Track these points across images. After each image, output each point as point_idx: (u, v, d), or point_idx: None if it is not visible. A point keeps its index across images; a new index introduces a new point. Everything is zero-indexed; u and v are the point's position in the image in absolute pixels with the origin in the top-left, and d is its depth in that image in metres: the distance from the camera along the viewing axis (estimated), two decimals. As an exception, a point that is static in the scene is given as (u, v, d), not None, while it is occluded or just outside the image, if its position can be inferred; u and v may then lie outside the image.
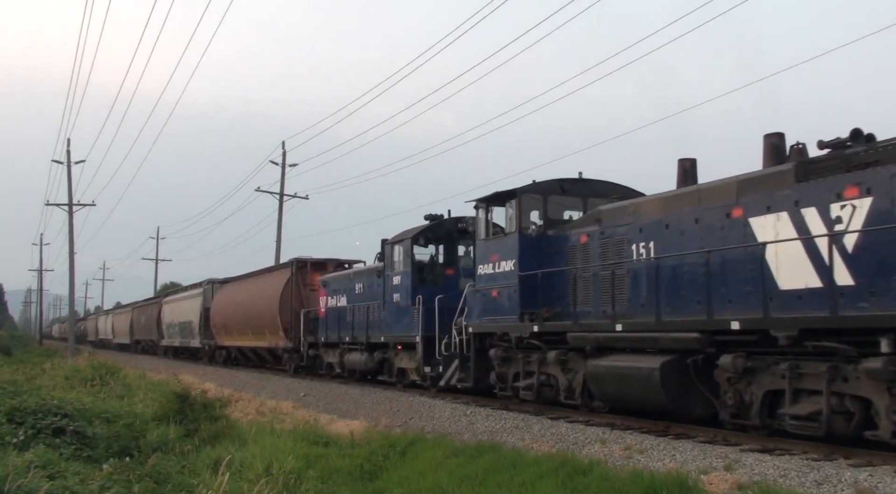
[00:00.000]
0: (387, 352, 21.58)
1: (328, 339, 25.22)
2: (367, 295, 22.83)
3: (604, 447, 11.75)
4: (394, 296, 20.76)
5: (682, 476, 9.11)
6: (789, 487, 8.74)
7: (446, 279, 20.14)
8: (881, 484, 8.42)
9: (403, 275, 20.34)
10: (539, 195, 16.04)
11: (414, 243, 20.22)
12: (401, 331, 20.28)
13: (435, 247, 20.89)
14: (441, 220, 20.79)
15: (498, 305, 16.26)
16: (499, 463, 11.04)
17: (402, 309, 20.25)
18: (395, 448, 13.14)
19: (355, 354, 23.11)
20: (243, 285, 34.81)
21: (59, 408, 12.40)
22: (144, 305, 57.28)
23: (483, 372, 16.95)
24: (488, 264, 16.67)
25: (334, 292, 25.40)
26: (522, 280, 15.47)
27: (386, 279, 21.29)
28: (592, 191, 16.29)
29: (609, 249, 14.13)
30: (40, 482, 8.18)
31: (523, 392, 15.62)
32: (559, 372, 14.74)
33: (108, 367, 25.99)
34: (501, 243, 16.30)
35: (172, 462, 10.89)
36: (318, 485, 10.68)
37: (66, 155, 45.64)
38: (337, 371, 24.91)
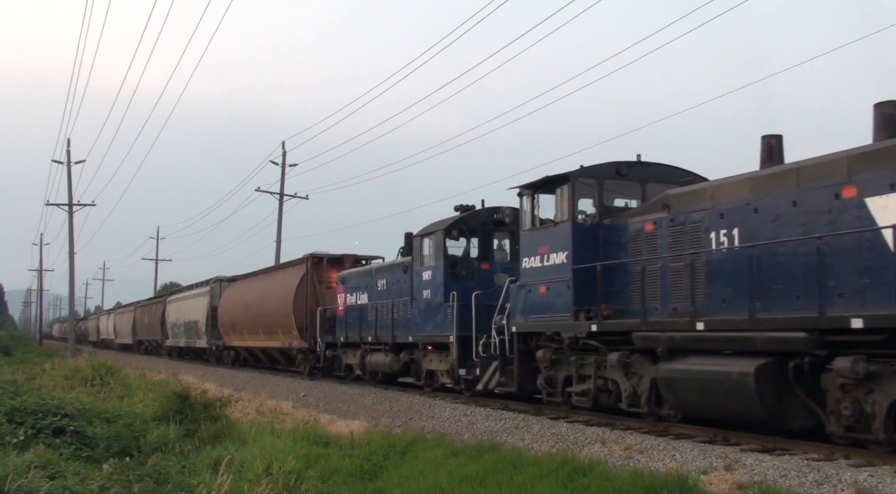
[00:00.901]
0: (414, 353, 20.24)
1: (348, 339, 23.69)
2: (391, 291, 21.38)
3: (604, 447, 11.75)
4: (423, 293, 19.30)
5: (683, 476, 9.11)
6: (789, 487, 8.74)
7: (481, 274, 18.75)
8: (881, 484, 8.42)
9: (434, 270, 18.93)
10: (593, 180, 14.52)
11: (446, 235, 18.80)
12: (432, 331, 18.95)
13: (468, 239, 19.43)
14: (475, 211, 19.28)
15: (547, 302, 14.81)
16: (499, 463, 11.04)
17: (432, 306, 18.92)
18: (395, 448, 13.13)
19: (379, 355, 21.64)
20: (254, 283, 33.41)
21: (59, 408, 12.38)
22: (148, 304, 55.97)
23: (527, 375, 15.57)
24: (535, 257, 15.15)
25: (354, 289, 23.88)
26: (577, 273, 14.02)
27: (414, 274, 19.86)
28: (652, 175, 14.81)
29: (681, 238, 12.69)
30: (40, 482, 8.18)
31: (577, 398, 14.28)
32: (621, 376, 13.28)
33: (108, 367, 25.95)
34: (551, 233, 14.81)
35: (172, 463, 10.89)
36: (318, 485, 10.68)
37: (66, 155, 45.71)
38: (357, 373, 23.46)
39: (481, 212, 19.29)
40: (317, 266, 27.33)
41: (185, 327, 43.16)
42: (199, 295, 41.04)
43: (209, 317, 37.83)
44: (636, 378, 13.06)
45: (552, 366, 14.96)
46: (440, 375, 19.28)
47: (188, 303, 42.79)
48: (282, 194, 43.72)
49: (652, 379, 12.64)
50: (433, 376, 19.71)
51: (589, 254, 14.09)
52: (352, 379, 23.80)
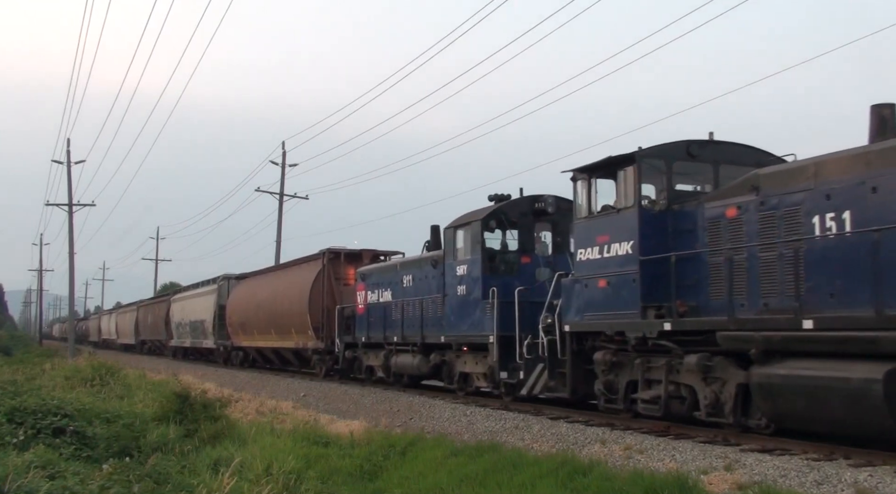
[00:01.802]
0: (446, 355, 18.80)
1: (370, 340, 22.25)
2: (418, 288, 20.01)
3: (604, 447, 11.75)
4: (457, 289, 17.84)
5: (683, 477, 9.11)
6: (789, 487, 8.74)
7: (521, 268, 17.21)
8: (881, 484, 8.42)
9: (470, 264, 17.43)
10: (662, 160, 13.06)
11: (484, 226, 17.28)
12: (468, 330, 17.51)
13: (507, 230, 17.82)
14: (514, 200, 17.73)
15: (607, 298, 13.38)
16: (499, 463, 11.04)
17: (468, 303, 17.46)
18: (394, 449, 13.13)
19: (405, 356, 20.25)
20: (265, 280, 32.08)
21: (59, 408, 12.39)
22: (151, 303, 55.06)
23: (580, 379, 14.20)
24: (592, 248, 13.68)
25: (375, 286, 22.45)
26: (644, 266, 12.60)
27: (446, 269, 18.35)
28: (725, 156, 13.37)
29: (773, 223, 11.13)
30: (40, 482, 8.18)
31: (645, 405, 12.76)
32: (698, 381, 11.79)
33: (108, 367, 25.96)
34: (612, 221, 13.33)
35: (172, 463, 10.89)
36: (318, 485, 10.67)
37: (66, 155, 45.76)
38: (379, 375, 22.05)
39: (521, 201, 17.72)
40: (333, 262, 25.96)
41: (190, 327, 42.03)
42: (205, 293, 39.86)
43: (217, 317, 36.60)
44: (718, 383, 11.56)
45: (612, 370, 13.50)
46: (475, 378, 17.94)
47: (194, 302, 41.70)
48: (282, 194, 43.75)
49: (739, 384, 11.20)
50: (466, 379, 18.39)
51: (657, 244, 12.65)
52: (372, 381, 22.54)
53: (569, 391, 14.36)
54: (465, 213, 18.19)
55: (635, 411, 13.17)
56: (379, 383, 22.12)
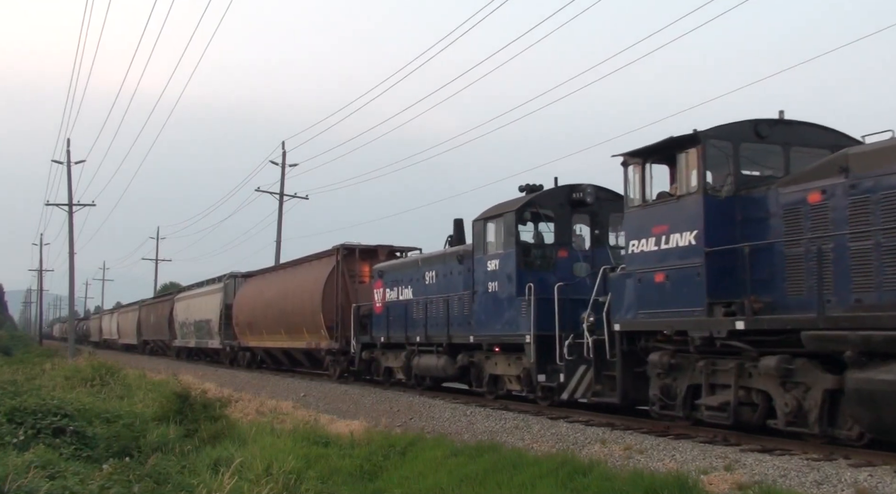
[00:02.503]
0: (474, 356, 17.67)
1: (390, 339, 21.09)
2: (443, 285, 18.91)
3: (604, 447, 11.75)
4: (488, 286, 16.67)
5: (683, 477, 9.11)
6: (789, 487, 8.75)
7: (558, 263, 16.10)
8: (881, 484, 8.43)
9: (504, 259, 16.24)
10: (728, 142, 11.89)
11: (518, 218, 16.07)
12: (501, 329, 16.36)
13: (540, 223, 16.53)
14: (550, 190, 16.55)
15: (665, 293, 12.20)
16: (499, 463, 11.04)
17: (501, 301, 16.31)
18: (394, 449, 13.13)
19: (429, 358, 19.14)
20: (275, 278, 30.89)
21: (59, 408, 12.40)
22: (154, 303, 54.05)
23: (631, 383, 13.11)
24: (648, 239, 12.53)
25: (394, 283, 21.32)
26: (710, 258, 11.44)
27: (475, 264, 17.16)
28: (797, 137, 12.25)
29: (867, 209, 9.95)
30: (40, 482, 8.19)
31: (711, 412, 11.56)
32: (775, 386, 10.66)
33: (108, 367, 25.97)
34: (671, 209, 12.22)
35: (172, 463, 10.89)
36: (318, 485, 10.68)
37: (66, 155, 45.82)
38: (399, 377, 21.06)
39: (557, 191, 16.49)
40: (347, 258, 24.71)
41: (195, 326, 40.86)
42: (211, 292, 38.78)
43: (223, 316, 35.45)
44: (800, 389, 10.41)
45: (670, 373, 12.33)
46: (507, 381, 16.87)
47: (199, 301, 40.59)
48: (282, 194, 43.77)
49: (826, 391, 10.10)
50: (496, 382, 17.31)
51: (724, 234, 11.53)
52: (391, 384, 21.56)
53: (619, 396, 13.23)
54: (496, 205, 17.00)
55: (695, 418, 12.11)
56: (397, 386, 21.15)
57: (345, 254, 24.72)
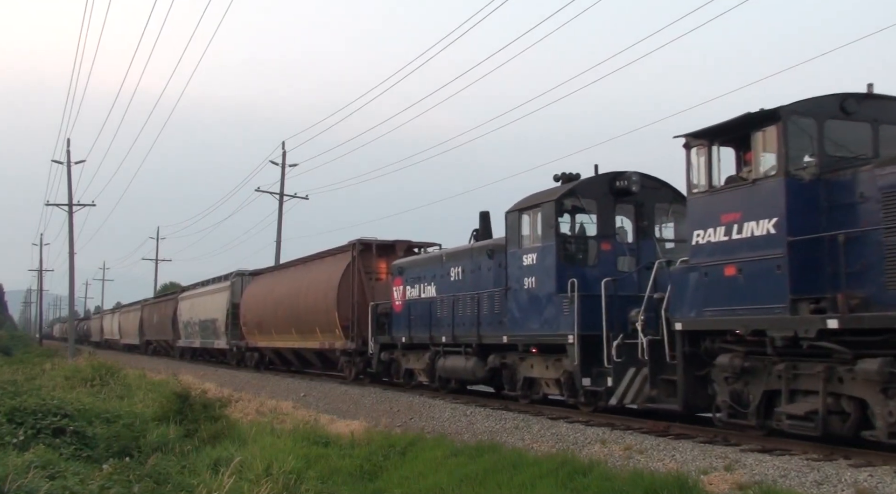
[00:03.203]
0: (507, 357, 16.44)
1: (412, 340, 19.99)
2: (471, 282, 17.83)
3: (604, 447, 11.76)
4: (524, 282, 15.44)
5: (683, 477, 9.12)
6: (789, 487, 8.75)
7: (601, 257, 14.94)
8: (881, 485, 8.43)
9: (541, 253, 15.02)
10: (811, 119, 10.75)
11: (559, 208, 14.87)
12: (539, 329, 15.10)
13: (577, 213, 15.31)
14: (592, 178, 15.33)
15: (738, 289, 10.97)
16: (499, 463, 11.05)
17: (539, 298, 15.09)
18: (395, 449, 13.14)
19: (456, 359, 17.98)
20: (285, 275, 29.80)
21: (59, 408, 12.41)
22: (157, 302, 52.87)
23: (693, 388, 11.90)
24: (715, 228, 11.37)
25: (416, 280, 20.29)
26: (794, 248, 10.27)
27: (509, 259, 15.92)
28: (888, 114, 11.04)
29: None
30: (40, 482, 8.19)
31: (793, 422, 10.36)
32: (874, 393, 9.51)
33: (108, 367, 25.98)
34: (745, 195, 11.01)
35: (172, 463, 10.90)
36: (318, 485, 10.68)
37: (66, 155, 45.83)
38: (421, 380, 20.07)
39: (599, 180, 15.25)
40: (363, 254, 23.57)
41: (200, 326, 39.73)
42: (217, 290, 37.55)
43: (229, 315, 34.34)
44: None
45: (741, 377, 11.14)
46: (544, 384, 15.71)
47: (204, 300, 39.32)
48: (282, 194, 43.78)
49: None
50: (531, 385, 16.13)
51: (808, 221, 10.41)
52: (411, 387, 20.61)
53: (681, 402, 11.96)
54: (532, 194, 15.83)
55: (771, 428, 10.98)
56: (419, 388, 20.18)
57: (361, 250, 23.60)
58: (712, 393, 11.73)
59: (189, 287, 46.38)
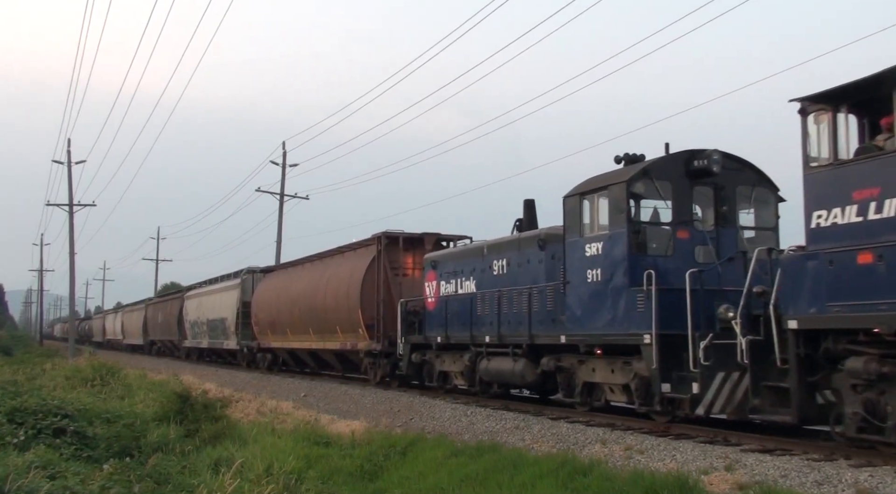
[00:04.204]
0: (562, 359, 14.84)
1: (449, 340, 18.40)
2: (517, 276, 16.34)
3: (604, 447, 11.76)
4: (587, 275, 13.82)
5: (683, 477, 9.12)
6: (790, 487, 8.75)
7: (677, 246, 13.25)
8: (881, 485, 8.43)
9: (609, 242, 13.41)
10: None
11: (630, 191, 13.17)
12: (605, 327, 13.44)
13: (649, 197, 13.59)
14: (665, 157, 13.61)
15: (876, 279, 9.30)
16: (499, 463, 11.05)
17: (606, 292, 13.45)
18: (395, 449, 13.15)
19: (502, 361, 16.41)
20: (302, 272, 28.24)
21: (60, 409, 12.42)
22: (162, 301, 51.70)
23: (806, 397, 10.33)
24: (844, 208, 9.68)
25: (452, 275, 18.77)
26: None
27: (569, 249, 14.24)
28: None
29: None
30: (41, 482, 8.21)
31: None
32: None
33: (109, 367, 26.00)
34: (885, 168, 9.33)
35: (173, 463, 10.92)
36: (318, 485, 10.69)
37: (67, 155, 45.90)
38: (457, 383, 18.73)
39: (675, 159, 13.52)
40: (388, 248, 22.08)
41: (208, 326, 38.19)
42: (226, 289, 36.12)
43: (240, 314, 32.91)
44: None
45: (876, 385, 9.52)
46: (608, 390, 14.14)
47: (213, 299, 37.77)
48: (282, 194, 43.80)
49: None
50: (592, 391, 14.55)
51: None
52: (446, 390, 19.15)
53: (795, 413, 10.34)
54: (594, 177, 14.20)
55: None
56: (455, 393, 18.87)
57: (386, 244, 22.05)
58: (823, 402, 10.31)
59: (196, 285, 44.82)
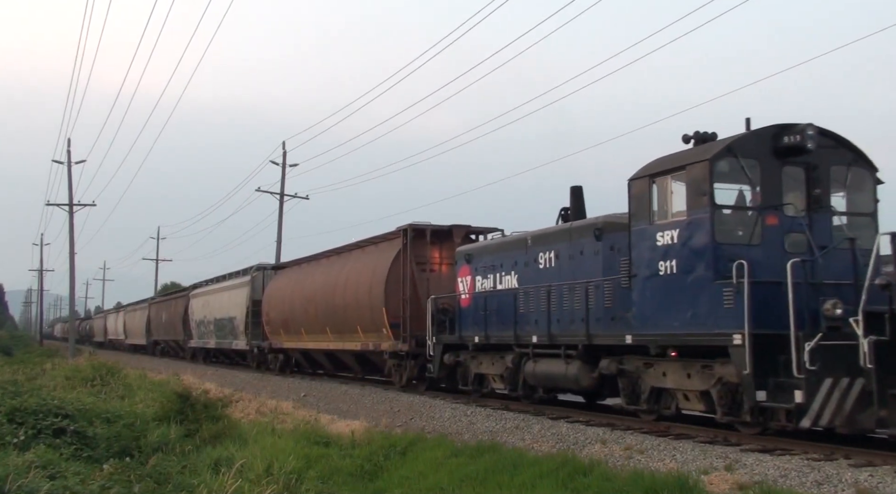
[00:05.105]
0: (624, 362, 13.38)
1: (489, 339, 16.98)
2: (569, 269, 14.97)
3: (604, 447, 11.76)
4: (659, 266, 12.30)
5: (683, 477, 9.13)
6: (790, 487, 8.76)
7: (766, 233, 11.65)
8: (881, 484, 8.44)
9: (688, 228, 11.85)
10: None
11: (714, 170, 11.57)
12: (683, 326, 11.87)
13: (729, 179, 11.97)
14: (753, 133, 11.97)
15: None
16: (499, 463, 11.06)
17: (682, 286, 11.92)
18: (395, 449, 13.16)
19: (552, 363, 14.96)
20: (318, 268, 26.77)
21: (60, 409, 12.43)
22: (166, 300, 50.40)
23: None
24: None
25: (489, 269, 17.47)
26: None
27: (635, 238, 12.77)
28: None
29: None
30: (41, 482, 8.21)
31: None
32: None
33: (109, 367, 25.99)
34: None
35: (173, 463, 10.92)
36: (318, 485, 10.70)
37: (67, 155, 45.93)
38: (495, 387, 17.45)
39: (762, 135, 11.90)
40: (414, 242, 20.61)
41: (215, 325, 36.82)
42: (235, 286, 34.78)
43: (249, 313, 31.64)
44: None
45: None
46: (682, 398, 12.57)
47: (220, 297, 36.35)
48: (282, 194, 43.82)
49: None
50: (660, 397, 13.06)
51: None
52: (482, 395, 17.81)
53: None
54: (665, 157, 12.74)
55: None
56: (492, 397, 17.56)
57: (411, 237, 20.60)
58: None
59: (202, 283, 43.17)
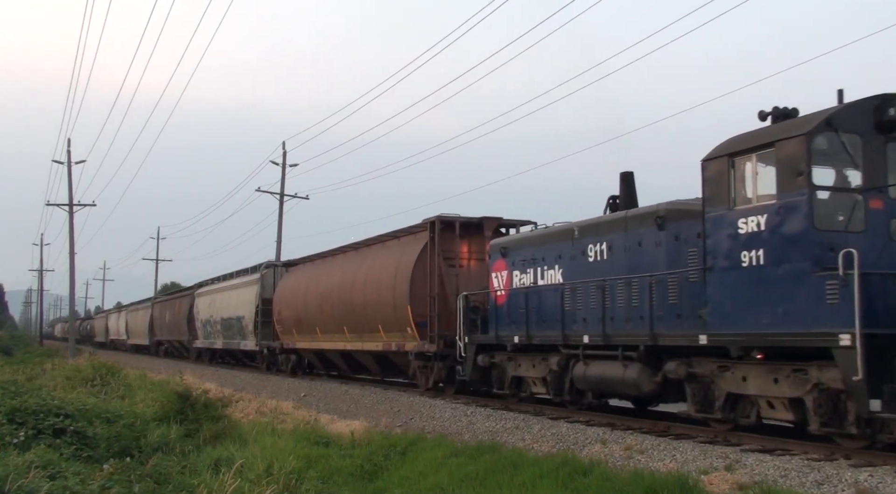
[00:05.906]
0: (694, 365, 12.00)
1: (533, 339, 15.53)
2: (623, 262, 13.71)
3: (604, 447, 11.76)
4: (741, 257, 10.86)
5: (683, 477, 9.13)
6: (790, 487, 8.76)
7: (870, 219, 10.31)
8: (881, 485, 8.44)
9: (779, 213, 10.43)
10: None
11: (811, 147, 10.17)
12: (773, 324, 10.44)
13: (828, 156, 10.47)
14: (852, 104, 10.48)
15: None
16: (499, 463, 11.06)
17: (772, 279, 10.46)
18: (395, 449, 13.16)
19: (607, 366, 13.62)
20: (334, 264, 25.50)
21: (60, 409, 12.42)
22: (170, 299, 49.65)
23: None
24: None
25: (528, 263, 16.14)
26: None
27: (711, 225, 11.36)
28: None
29: None
30: (41, 482, 8.21)
31: None
32: None
33: (109, 367, 25.99)
34: None
35: (173, 463, 10.91)
36: (318, 485, 10.70)
37: (67, 155, 45.95)
38: (535, 391, 15.94)
39: (862, 106, 10.43)
40: (444, 234, 19.26)
41: (223, 325, 35.78)
42: (243, 284, 33.84)
43: (259, 312, 30.69)
44: None
45: None
46: (766, 406, 11.07)
47: (228, 296, 35.33)
48: (282, 194, 43.85)
49: None
50: (736, 405, 11.56)
51: None
52: (520, 400, 16.46)
53: None
54: (746, 133, 11.29)
55: None
56: (532, 402, 16.19)
57: (441, 229, 19.25)
58: None
59: (208, 281, 42.09)
